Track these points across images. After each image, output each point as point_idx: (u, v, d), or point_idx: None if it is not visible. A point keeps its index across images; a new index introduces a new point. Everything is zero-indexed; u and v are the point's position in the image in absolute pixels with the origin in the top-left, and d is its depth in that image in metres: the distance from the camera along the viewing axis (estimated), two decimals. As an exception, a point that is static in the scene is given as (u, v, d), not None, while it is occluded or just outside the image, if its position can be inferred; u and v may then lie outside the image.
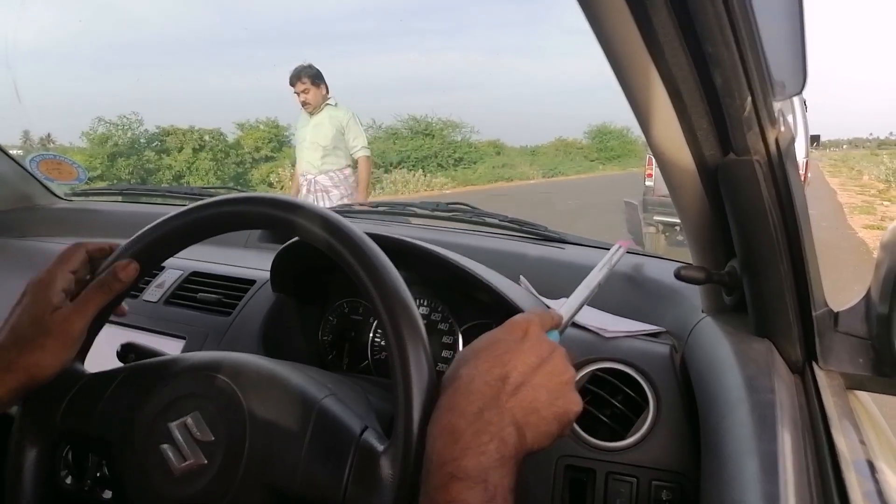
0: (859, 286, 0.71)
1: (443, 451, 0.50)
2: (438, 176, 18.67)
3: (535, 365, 0.57)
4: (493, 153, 22.69)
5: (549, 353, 0.59)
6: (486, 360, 0.56)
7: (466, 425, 0.51)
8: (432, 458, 0.50)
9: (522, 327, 0.60)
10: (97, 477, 0.74)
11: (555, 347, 0.60)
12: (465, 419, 0.51)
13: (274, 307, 1.07)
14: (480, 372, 0.55)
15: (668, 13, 0.52)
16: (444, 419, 0.52)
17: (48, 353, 0.63)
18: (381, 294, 0.57)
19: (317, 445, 0.57)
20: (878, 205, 14.11)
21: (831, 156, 51.49)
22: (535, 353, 0.58)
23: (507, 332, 0.60)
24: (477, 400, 0.53)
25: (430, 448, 0.51)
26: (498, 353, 0.57)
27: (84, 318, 0.64)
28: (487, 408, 0.52)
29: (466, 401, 0.53)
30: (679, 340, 0.91)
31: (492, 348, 0.58)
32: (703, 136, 0.63)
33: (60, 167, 1.70)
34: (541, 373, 0.57)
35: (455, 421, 0.51)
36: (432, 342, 0.98)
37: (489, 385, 0.54)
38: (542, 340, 0.60)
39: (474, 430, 0.51)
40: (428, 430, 0.52)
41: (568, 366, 0.60)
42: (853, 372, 0.70)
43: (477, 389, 0.54)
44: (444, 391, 0.55)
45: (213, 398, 0.61)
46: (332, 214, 0.61)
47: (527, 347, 0.58)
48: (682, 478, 0.76)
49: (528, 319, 0.62)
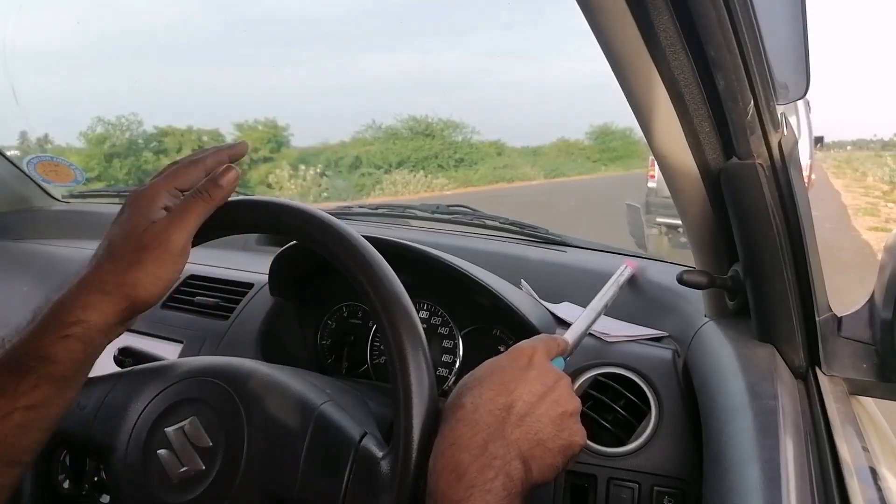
0: (863, 289, 0.70)
1: (447, 490, 0.48)
2: (439, 176, 18.67)
3: (541, 394, 0.56)
4: (494, 154, 22.69)
5: (554, 383, 0.57)
6: (491, 387, 0.55)
7: (471, 460, 0.49)
8: (436, 497, 0.49)
9: (527, 354, 0.59)
10: (95, 482, 0.74)
11: (560, 377, 0.59)
12: (469, 453, 0.50)
13: (272, 311, 1.06)
14: (485, 401, 0.54)
15: (670, 16, 0.52)
16: (448, 454, 0.50)
17: (145, 271, 0.54)
18: (381, 298, 0.57)
19: (316, 451, 0.57)
20: (882, 206, 14.12)
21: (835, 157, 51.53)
22: (541, 382, 0.57)
23: (511, 360, 0.59)
24: (481, 431, 0.51)
25: (433, 485, 0.49)
26: (503, 381, 0.56)
27: (184, 231, 0.56)
28: (492, 440, 0.51)
29: (471, 432, 0.51)
30: (681, 345, 0.90)
31: (496, 376, 0.57)
32: (706, 140, 0.63)
33: (58, 169, 1.69)
34: (546, 402, 0.56)
35: (459, 456, 0.50)
36: (432, 347, 0.98)
37: (493, 415, 0.53)
38: (548, 369, 0.59)
39: (479, 466, 0.49)
40: (430, 466, 0.51)
41: (573, 396, 0.59)
42: (857, 377, 0.69)
43: (481, 419, 0.52)
44: (447, 421, 0.53)
45: (210, 404, 0.60)
46: (331, 218, 0.61)
47: (532, 376, 0.57)
48: (684, 484, 0.75)
49: (533, 347, 0.60)
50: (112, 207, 1.79)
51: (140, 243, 0.55)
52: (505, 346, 0.96)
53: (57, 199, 1.78)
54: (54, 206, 1.76)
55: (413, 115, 21.18)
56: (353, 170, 18.50)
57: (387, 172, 18.26)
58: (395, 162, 19.42)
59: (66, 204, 1.79)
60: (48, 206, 1.76)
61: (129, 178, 16.10)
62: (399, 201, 1.95)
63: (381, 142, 20.58)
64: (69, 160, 1.73)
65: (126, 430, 0.62)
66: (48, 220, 1.72)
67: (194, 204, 0.57)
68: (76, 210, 1.76)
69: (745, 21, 0.53)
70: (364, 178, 17.92)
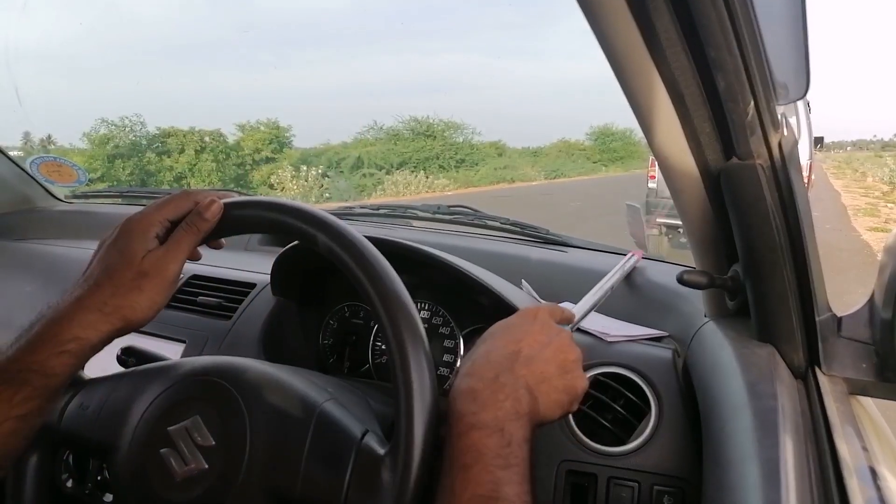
0: (863, 289, 0.70)
1: (463, 407, 0.56)
2: (440, 177, 18.67)
3: (545, 342, 0.63)
4: (494, 154, 22.70)
5: (556, 334, 0.65)
6: (502, 338, 0.64)
7: (484, 386, 0.57)
8: (454, 413, 0.56)
9: (533, 312, 0.68)
10: (98, 481, 0.74)
11: (561, 330, 0.66)
12: (483, 382, 0.58)
13: (274, 311, 1.07)
14: (497, 346, 0.62)
15: (670, 17, 0.52)
16: (465, 383, 0.58)
17: (145, 296, 0.60)
18: (382, 298, 0.57)
19: (317, 450, 0.57)
20: (882, 207, 14.10)
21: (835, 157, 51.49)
22: (545, 333, 0.64)
23: (519, 317, 0.67)
24: (494, 367, 0.59)
25: (451, 406, 0.57)
26: (512, 333, 0.64)
27: (178, 261, 0.62)
28: (503, 373, 0.59)
29: (484, 368, 0.59)
30: (681, 345, 0.90)
31: (506, 330, 0.65)
32: (706, 141, 0.63)
33: (61, 169, 1.70)
34: (550, 349, 0.63)
35: (474, 384, 0.58)
36: (433, 346, 0.98)
37: (505, 357, 0.61)
38: (551, 324, 0.67)
39: (491, 391, 0.57)
40: (450, 393, 0.58)
41: (574, 346, 0.65)
42: (856, 377, 0.69)
43: (494, 360, 0.60)
44: (465, 362, 0.62)
45: (213, 403, 0.61)
46: (332, 218, 0.61)
47: (536, 328, 0.64)
48: (684, 483, 0.75)
49: (538, 307, 0.69)
50: (115, 208, 1.80)
51: (141, 270, 0.60)
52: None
53: (60, 200, 1.79)
54: (57, 207, 1.77)
55: (414, 115, 21.22)
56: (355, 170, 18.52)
57: (388, 173, 18.27)
58: (396, 162, 19.43)
59: (68, 204, 1.80)
60: (51, 206, 1.76)
61: (131, 179, 16.12)
62: (400, 202, 1.95)
63: (383, 142, 20.59)
64: (72, 161, 1.73)
65: (129, 429, 0.62)
66: (51, 221, 1.72)
67: (185, 235, 0.63)
68: (79, 210, 1.77)
69: (746, 22, 0.53)
70: (365, 179, 17.94)
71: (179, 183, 16.20)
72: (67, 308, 0.58)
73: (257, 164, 18.43)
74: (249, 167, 18.34)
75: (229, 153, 18.07)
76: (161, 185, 15.01)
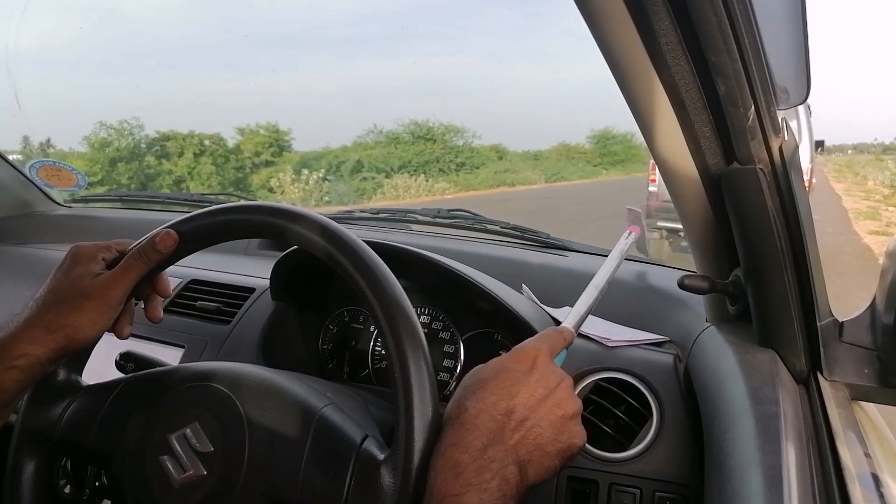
0: (865, 293, 0.70)
1: (444, 486, 0.50)
2: (440, 181, 18.67)
3: (541, 397, 0.57)
4: (495, 158, 22.69)
5: (556, 385, 0.59)
6: (493, 391, 0.56)
7: (470, 461, 0.51)
8: (434, 491, 0.50)
9: (531, 356, 0.60)
10: (96, 486, 0.74)
11: (561, 379, 0.60)
12: (468, 454, 0.52)
13: (274, 316, 1.06)
14: (487, 405, 0.55)
15: (670, 22, 0.52)
16: (448, 453, 0.52)
17: (86, 316, 0.62)
18: (381, 303, 0.57)
19: (317, 455, 0.57)
20: (883, 210, 14.10)
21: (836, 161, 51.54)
22: (543, 385, 0.58)
23: (515, 362, 0.60)
24: (482, 435, 0.53)
25: (431, 481, 0.51)
26: (505, 385, 0.57)
27: (123, 286, 0.64)
28: (492, 444, 0.53)
29: (472, 435, 0.53)
30: (683, 350, 0.90)
31: (499, 379, 0.58)
32: (707, 145, 0.63)
33: (60, 173, 1.70)
34: (546, 406, 0.57)
35: (459, 456, 0.52)
36: (433, 351, 0.97)
37: (494, 420, 0.54)
38: (550, 371, 0.60)
39: (477, 467, 0.51)
40: (431, 464, 0.52)
41: (573, 398, 0.60)
42: (858, 383, 0.69)
43: (482, 424, 0.54)
44: (450, 422, 0.55)
45: (212, 409, 0.60)
46: (331, 223, 0.61)
47: (534, 379, 0.58)
48: (686, 489, 0.75)
49: (536, 348, 0.61)
50: (114, 212, 1.80)
51: (84, 292, 0.63)
52: (506, 350, 0.95)
53: (59, 204, 1.79)
54: (56, 211, 1.77)
55: (414, 119, 21.18)
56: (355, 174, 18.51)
57: (388, 177, 18.26)
58: (396, 166, 19.42)
59: (68, 208, 1.80)
60: (50, 210, 1.76)
61: (131, 183, 16.12)
62: (400, 205, 1.95)
63: (383, 146, 20.59)
64: (71, 165, 1.73)
65: (127, 435, 0.62)
66: (50, 225, 1.72)
67: (133, 263, 0.65)
68: (78, 214, 1.77)
69: (746, 26, 0.53)
70: (365, 183, 17.93)
71: (179, 186, 16.18)
72: (17, 326, 0.62)
73: (257, 167, 18.42)
74: (249, 171, 18.33)
75: (229, 157, 18.06)
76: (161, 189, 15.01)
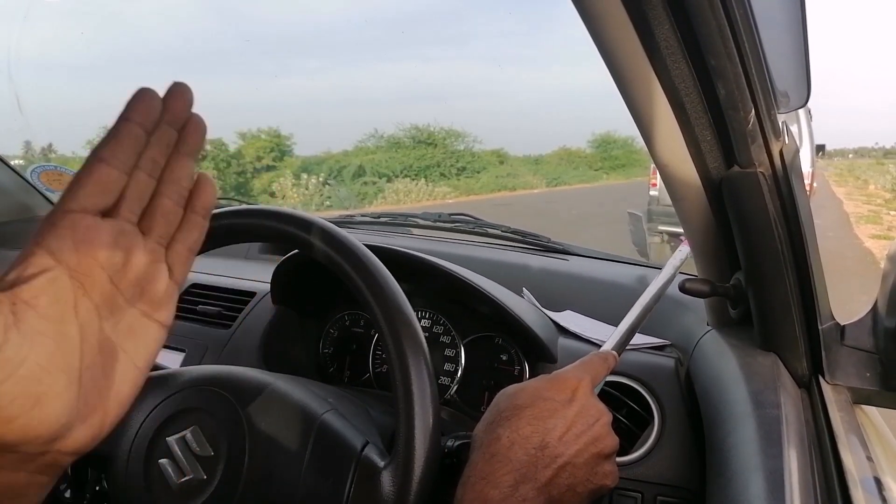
0: (866, 297, 0.70)
1: None
2: (441, 185, 18.68)
3: (579, 433, 0.54)
4: (496, 162, 22.71)
5: (595, 421, 0.56)
6: (529, 422, 0.54)
7: (500, 498, 0.49)
8: None
9: (571, 387, 0.57)
10: (97, 491, 0.74)
11: (601, 415, 0.57)
12: (499, 490, 0.50)
13: (274, 320, 1.06)
14: (521, 437, 0.53)
15: (670, 25, 0.52)
16: (479, 487, 0.50)
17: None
18: (382, 307, 0.57)
19: (317, 461, 0.56)
20: (884, 214, 14.10)
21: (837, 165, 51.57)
22: (581, 421, 0.55)
23: (554, 390, 0.57)
24: (514, 470, 0.51)
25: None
26: (542, 416, 0.54)
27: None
28: (524, 481, 0.50)
29: (503, 469, 0.51)
30: (684, 353, 0.90)
31: (535, 408, 0.55)
32: (707, 149, 0.63)
33: (61, 178, 1.70)
34: (581, 442, 0.54)
35: (489, 492, 0.50)
36: (434, 355, 0.98)
37: (528, 454, 0.52)
38: (590, 406, 0.57)
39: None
40: (459, 495, 0.51)
41: (611, 436, 0.57)
42: (860, 386, 0.69)
43: (515, 457, 0.52)
44: (481, 451, 0.53)
45: (212, 413, 0.60)
46: (332, 226, 0.61)
47: (572, 413, 0.55)
48: (687, 493, 0.75)
49: (578, 378, 0.58)
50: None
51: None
52: (507, 354, 0.95)
53: (60, 209, 1.78)
54: (58, 216, 1.77)
55: (415, 124, 21.24)
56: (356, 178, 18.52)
57: (389, 181, 18.28)
58: (397, 171, 19.44)
59: (69, 213, 1.79)
60: (52, 215, 1.76)
61: (133, 187, 16.10)
62: (401, 210, 1.94)
63: (384, 151, 20.62)
64: (73, 170, 1.73)
65: (127, 439, 0.62)
66: (51, 229, 1.72)
67: None
68: (79, 219, 1.77)
69: (746, 30, 0.53)
70: (366, 187, 17.94)
71: (181, 191, 16.14)
72: None
73: (258, 172, 18.45)
74: (250, 175, 18.35)
75: (230, 161, 18.09)
76: (162, 194, 14.98)
